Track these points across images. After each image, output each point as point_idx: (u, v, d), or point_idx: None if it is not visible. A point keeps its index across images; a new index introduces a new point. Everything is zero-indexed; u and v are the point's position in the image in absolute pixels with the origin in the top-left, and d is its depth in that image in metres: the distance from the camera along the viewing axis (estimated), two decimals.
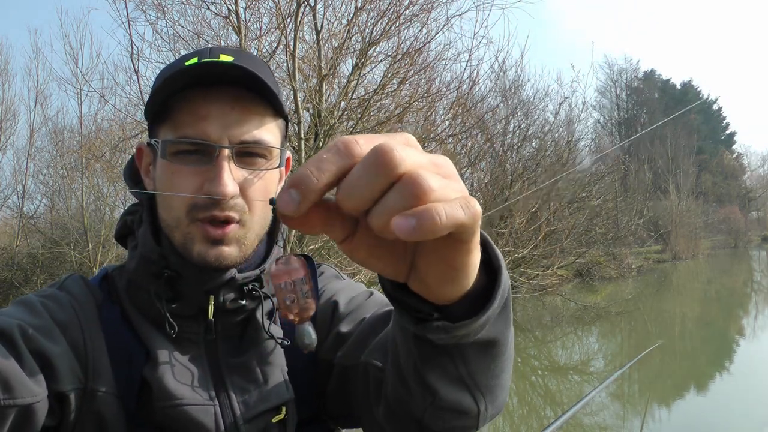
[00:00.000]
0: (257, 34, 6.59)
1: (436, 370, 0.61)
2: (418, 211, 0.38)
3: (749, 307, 15.69)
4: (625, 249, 22.40)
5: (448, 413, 0.66)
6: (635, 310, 13.57)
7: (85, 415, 0.75)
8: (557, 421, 2.20)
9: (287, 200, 0.39)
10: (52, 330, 0.75)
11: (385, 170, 0.38)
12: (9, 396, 0.64)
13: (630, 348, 10.79)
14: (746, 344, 10.97)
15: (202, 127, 0.76)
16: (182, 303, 0.82)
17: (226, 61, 0.77)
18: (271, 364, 0.84)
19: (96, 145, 10.75)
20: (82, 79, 11.28)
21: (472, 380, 0.62)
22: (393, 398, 0.72)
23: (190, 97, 0.77)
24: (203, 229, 0.78)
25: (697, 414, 7.00)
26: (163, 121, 0.80)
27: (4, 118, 14.86)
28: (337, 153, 0.40)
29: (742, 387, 7.79)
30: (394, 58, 6.55)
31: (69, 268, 10.46)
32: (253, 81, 0.77)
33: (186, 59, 0.81)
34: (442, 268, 0.46)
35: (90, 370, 0.77)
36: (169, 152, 0.78)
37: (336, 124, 6.02)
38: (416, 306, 0.53)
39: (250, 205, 0.80)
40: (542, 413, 6.92)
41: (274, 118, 0.83)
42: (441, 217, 0.38)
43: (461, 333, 0.53)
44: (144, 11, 6.49)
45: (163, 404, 0.77)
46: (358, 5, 6.45)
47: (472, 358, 0.59)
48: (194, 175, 0.77)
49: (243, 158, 0.79)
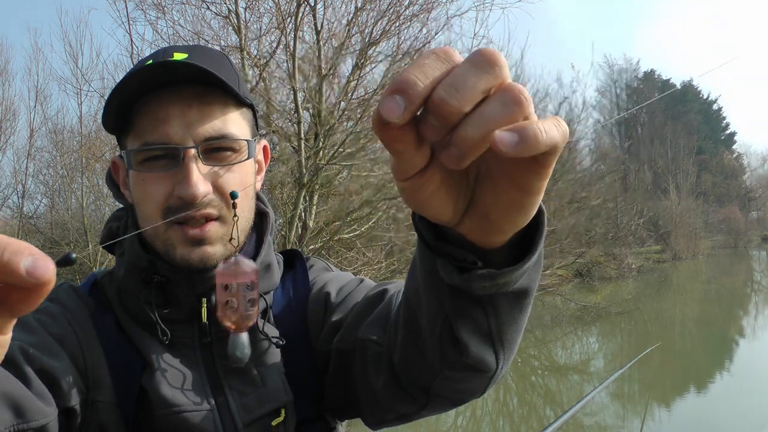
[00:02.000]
0: (257, 34, 6.59)
1: (468, 324, 0.60)
2: (520, 126, 0.37)
3: (749, 307, 15.69)
4: (625, 249, 22.40)
5: (466, 372, 0.66)
6: (635, 310, 13.56)
7: (88, 426, 0.75)
8: (557, 421, 2.19)
9: (392, 106, 0.37)
10: (51, 346, 0.74)
11: (495, 69, 0.37)
12: (23, 420, 0.63)
13: (630, 348, 10.79)
14: (746, 344, 10.97)
15: (164, 131, 0.75)
16: (174, 308, 0.81)
17: (178, 60, 0.75)
18: (268, 366, 0.83)
19: (96, 145, 10.77)
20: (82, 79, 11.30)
21: (498, 334, 0.61)
22: (400, 365, 0.72)
23: (148, 102, 0.76)
24: (182, 231, 0.76)
25: (697, 414, 7.00)
26: (128, 131, 0.78)
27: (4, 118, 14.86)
28: (438, 59, 0.38)
29: (742, 387, 7.79)
30: (394, 58, 6.55)
31: (69, 269, 10.45)
32: (208, 76, 0.75)
33: (141, 64, 0.79)
34: (513, 195, 0.44)
35: (90, 381, 0.76)
36: (136, 161, 0.77)
37: (336, 124, 6.01)
38: (458, 255, 0.52)
39: (227, 200, 0.78)
40: (542, 413, 6.92)
41: (237, 109, 0.81)
42: (542, 134, 0.37)
43: (504, 280, 0.53)
44: (144, 11, 6.49)
45: (162, 412, 0.76)
46: (358, 5, 6.45)
47: (503, 309, 0.59)
48: (164, 180, 0.76)
49: (210, 155, 0.77)
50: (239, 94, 0.79)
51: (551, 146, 0.38)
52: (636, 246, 26.32)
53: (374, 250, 7.70)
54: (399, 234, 7.89)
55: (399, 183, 0.45)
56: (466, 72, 0.38)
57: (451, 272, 0.54)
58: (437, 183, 0.44)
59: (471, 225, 0.48)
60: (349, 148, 6.31)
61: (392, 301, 0.79)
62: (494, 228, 0.48)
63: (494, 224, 0.48)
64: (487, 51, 0.38)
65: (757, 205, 49.65)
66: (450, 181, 0.45)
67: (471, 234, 0.50)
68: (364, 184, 7.22)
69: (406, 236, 7.00)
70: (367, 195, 6.84)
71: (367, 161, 6.72)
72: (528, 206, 0.46)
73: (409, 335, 0.68)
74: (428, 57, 0.38)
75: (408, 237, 7.02)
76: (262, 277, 0.85)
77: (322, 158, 5.91)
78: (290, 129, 6.14)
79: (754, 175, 52.23)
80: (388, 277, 6.95)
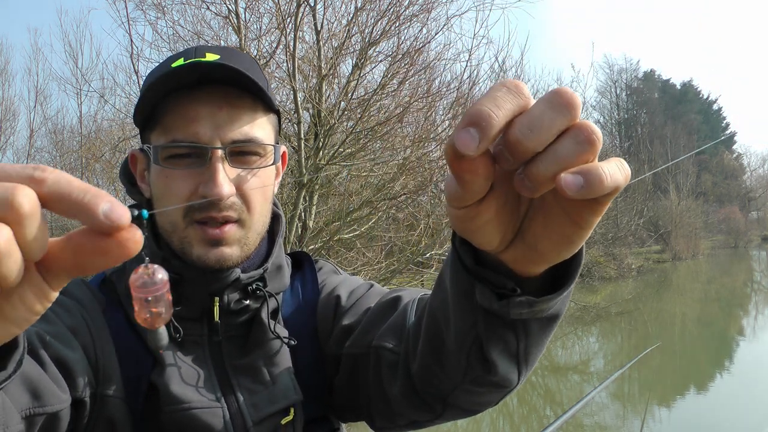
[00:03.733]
0: (257, 34, 6.59)
1: (499, 344, 0.60)
2: (585, 169, 0.38)
3: (749, 307, 15.68)
4: (625, 249, 22.40)
5: (488, 388, 0.67)
6: (635, 310, 13.57)
7: (97, 420, 0.75)
8: (557, 421, 2.19)
9: (467, 138, 0.37)
10: (67, 336, 0.74)
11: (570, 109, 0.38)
12: (39, 404, 0.64)
13: (630, 348, 10.79)
14: (746, 344, 10.97)
15: (193, 129, 0.75)
16: (186, 306, 0.81)
17: (212, 61, 0.76)
18: (277, 365, 0.84)
19: (96, 145, 10.76)
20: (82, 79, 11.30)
21: (525, 355, 0.62)
22: (419, 375, 0.72)
23: (179, 100, 0.76)
24: (201, 230, 0.77)
25: (697, 414, 7.00)
26: (153, 126, 0.79)
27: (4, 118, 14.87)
28: (509, 91, 0.39)
29: (742, 387, 7.79)
30: (394, 58, 6.53)
31: None
32: (240, 78, 0.76)
33: (172, 60, 0.80)
34: (565, 228, 0.45)
35: (100, 375, 0.76)
36: (161, 157, 0.77)
37: (336, 124, 6.01)
38: (497, 282, 0.53)
39: (248, 204, 0.79)
40: (542, 413, 6.92)
41: (265, 114, 0.82)
42: (607, 178, 0.38)
43: (541, 308, 0.54)
44: (144, 11, 6.48)
45: (171, 408, 0.76)
46: (358, 5, 6.44)
47: (534, 332, 0.59)
48: (189, 178, 0.76)
49: (236, 157, 0.78)
50: (269, 99, 0.80)
51: (614, 188, 0.39)
52: (636, 246, 26.32)
53: (374, 250, 7.70)
54: (399, 234, 7.89)
55: (453, 210, 0.45)
56: (543, 113, 0.38)
57: (489, 298, 0.55)
58: (492, 213, 0.45)
59: (515, 254, 0.49)
60: (349, 148, 6.31)
61: (407, 310, 0.79)
62: (540, 258, 0.49)
63: (541, 255, 0.48)
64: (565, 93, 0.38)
65: (757, 205, 49.63)
66: (504, 211, 0.45)
67: (513, 262, 0.50)
68: (364, 184, 7.22)
69: (406, 236, 7.00)
70: (367, 195, 6.84)
71: (367, 161, 6.72)
72: (578, 240, 0.46)
73: (432, 348, 0.69)
74: (500, 89, 0.39)
75: (408, 237, 7.03)
76: (273, 278, 0.86)
77: (322, 158, 5.91)
78: (290, 129, 6.13)
79: (754, 175, 52.24)
80: (388, 277, 6.94)
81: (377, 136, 6.59)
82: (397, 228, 8.34)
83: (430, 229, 7.20)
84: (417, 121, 7.45)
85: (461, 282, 0.57)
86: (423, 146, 7.02)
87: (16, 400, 0.61)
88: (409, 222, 8.22)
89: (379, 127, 6.43)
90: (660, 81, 55.85)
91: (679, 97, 54.59)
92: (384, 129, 6.46)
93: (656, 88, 54.76)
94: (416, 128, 7.30)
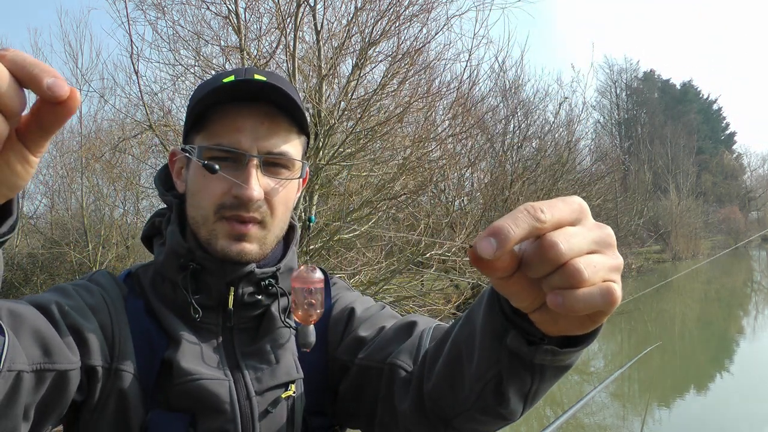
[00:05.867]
0: (257, 34, 6.58)
1: (517, 383, 0.68)
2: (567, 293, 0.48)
3: (749, 307, 15.70)
4: (625, 249, 22.40)
5: (493, 418, 0.75)
6: (635, 310, 13.57)
7: (109, 393, 0.81)
8: (557, 421, 2.20)
9: (487, 246, 0.47)
10: (84, 310, 0.82)
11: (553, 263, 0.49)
12: (48, 360, 0.70)
13: (630, 348, 10.80)
14: (746, 344, 10.98)
15: (236, 138, 0.86)
16: (204, 294, 0.89)
17: (261, 80, 0.86)
18: (283, 348, 0.92)
19: (96, 145, 10.73)
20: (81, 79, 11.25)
21: (533, 395, 0.71)
22: (431, 396, 0.80)
23: (227, 111, 0.87)
24: (229, 225, 0.86)
25: (697, 414, 7.00)
26: (199, 129, 0.89)
27: None
28: (528, 215, 0.48)
29: (742, 387, 7.79)
30: (394, 58, 6.53)
31: (69, 269, 10.45)
32: (284, 99, 0.87)
33: (224, 76, 0.90)
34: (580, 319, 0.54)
35: (116, 351, 0.83)
36: (203, 157, 0.87)
37: (336, 124, 6.01)
38: (529, 330, 0.62)
39: (272, 209, 0.89)
40: (542, 413, 6.91)
41: (298, 135, 0.92)
42: (579, 302, 0.48)
43: (562, 358, 0.63)
44: (144, 11, 6.47)
45: (182, 380, 0.83)
46: (358, 5, 6.44)
47: (547, 378, 0.68)
48: (225, 179, 0.85)
49: (269, 168, 0.89)
50: (306, 121, 0.92)
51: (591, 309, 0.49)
52: (636, 246, 26.33)
53: (374, 250, 7.70)
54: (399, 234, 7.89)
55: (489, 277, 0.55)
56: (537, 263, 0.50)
57: (520, 343, 0.63)
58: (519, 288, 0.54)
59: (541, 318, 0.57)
60: (349, 148, 6.31)
61: (423, 336, 0.89)
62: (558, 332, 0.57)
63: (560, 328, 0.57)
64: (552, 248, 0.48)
65: (757, 205, 49.64)
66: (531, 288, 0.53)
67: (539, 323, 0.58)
68: (364, 184, 7.22)
69: (406, 236, 6.99)
70: (367, 195, 6.84)
71: (367, 161, 6.72)
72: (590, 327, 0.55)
73: (451, 373, 0.76)
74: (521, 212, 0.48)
75: (407, 237, 7.02)
76: (285, 278, 0.95)
77: (322, 158, 5.91)
78: None
79: (754, 175, 52.23)
80: (388, 277, 6.94)
81: (377, 136, 6.59)
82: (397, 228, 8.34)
83: (430, 229, 7.20)
84: (417, 121, 7.45)
85: (495, 324, 0.66)
86: (423, 146, 7.03)
87: (28, 353, 0.68)
88: (409, 222, 8.22)
89: (379, 127, 6.43)
90: (660, 81, 55.87)
91: (679, 97, 54.59)
92: (384, 129, 6.46)
93: (656, 88, 54.76)
94: (416, 128, 7.30)
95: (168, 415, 0.83)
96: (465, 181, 12.84)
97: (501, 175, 12.55)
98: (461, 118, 8.19)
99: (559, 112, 15.11)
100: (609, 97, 51.39)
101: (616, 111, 51.44)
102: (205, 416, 0.84)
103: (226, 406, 0.84)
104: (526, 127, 14.73)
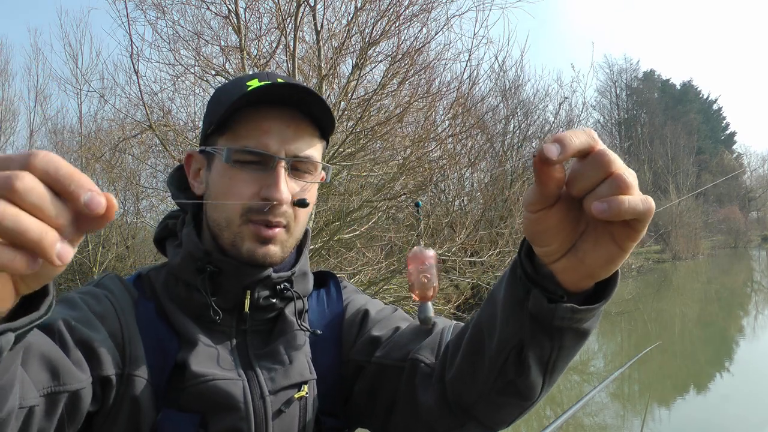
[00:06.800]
0: (257, 34, 6.59)
1: (537, 350, 0.70)
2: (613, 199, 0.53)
3: (749, 307, 15.69)
4: None
5: (511, 398, 0.76)
6: (635, 310, 13.57)
7: (122, 399, 0.81)
8: (557, 421, 2.19)
9: (553, 149, 0.52)
10: (92, 320, 0.82)
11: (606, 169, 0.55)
12: (58, 383, 0.70)
13: (630, 348, 10.79)
14: (746, 344, 10.98)
15: (264, 140, 0.86)
16: (220, 297, 0.89)
17: (292, 83, 0.87)
18: (297, 350, 0.92)
19: (96, 145, 10.73)
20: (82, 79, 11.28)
21: (553, 365, 0.72)
22: (452, 383, 0.81)
23: (253, 114, 0.87)
24: (256, 229, 0.87)
25: (697, 414, 7.00)
26: (222, 132, 0.89)
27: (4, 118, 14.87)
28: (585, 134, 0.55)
29: (742, 387, 7.79)
30: (394, 58, 6.53)
31: (69, 269, 10.45)
32: (316, 104, 0.88)
33: (247, 79, 0.91)
34: (609, 248, 0.59)
35: (127, 356, 0.83)
36: (231, 159, 0.87)
37: (336, 124, 6.00)
38: (550, 288, 0.65)
39: (296, 213, 0.90)
40: (542, 413, 6.91)
41: (320, 140, 0.93)
42: (625, 203, 0.53)
43: (581, 316, 0.65)
44: (144, 11, 6.48)
45: (195, 381, 0.83)
46: (358, 5, 6.44)
47: (566, 344, 0.69)
48: (252, 182, 0.86)
49: (294, 171, 0.89)
50: (328, 128, 0.93)
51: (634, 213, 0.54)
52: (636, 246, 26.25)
53: (374, 250, 7.70)
54: (399, 234, 7.89)
55: (528, 215, 0.60)
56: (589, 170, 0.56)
57: (541, 300, 0.65)
58: (557, 220, 0.59)
59: (566, 264, 0.62)
60: (349, 148, 6.31)
61: (444, 333, 0.90)
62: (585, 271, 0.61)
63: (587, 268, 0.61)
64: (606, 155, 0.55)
65: (757, 205, 49.63)
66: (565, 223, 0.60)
67: (562, 272, 0.63)
68: (364, 184, 7.22)
69: (406, 236, 6.99)
70: (367, 195, 6.84)
71: (367, 161, 6.72)
72: (617, 260, 0.60)
73: (471, 354, 0.78)
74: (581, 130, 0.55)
75: (408, 237, 7.02)
76: (299, 282, 0.96)
77: None
78: None
79: (754, 175, 52.21)
80: (388, 277, 6.94)
81: (377, 136, 6.58)
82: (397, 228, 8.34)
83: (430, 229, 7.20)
84: (417, 121, 7.46)
85: (517, 290, 0.68)
86: (423, 146, 7.03)
87: (37, 379, 0.68)
88: (409, 222, 8.22)
89: (379, 127, 6.43)
90: (660, 81, 55.86)
91: (679, 97, 54.59)
92: (384, 129, 6.46)
93: (656, 88, 54.75)
94: (416, 128, 7.31)
95: (178, 414, 0.83)
96: (465, 181, 12.85)
97: (501, 175, 12.55)
98: (461, 118, 8.19)
99: (559, 112, 15.14)
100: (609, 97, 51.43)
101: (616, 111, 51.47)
102: (217, 415, 0.83)
103: (240, 404, 0.84)
104: (526, 127, 14.75)
